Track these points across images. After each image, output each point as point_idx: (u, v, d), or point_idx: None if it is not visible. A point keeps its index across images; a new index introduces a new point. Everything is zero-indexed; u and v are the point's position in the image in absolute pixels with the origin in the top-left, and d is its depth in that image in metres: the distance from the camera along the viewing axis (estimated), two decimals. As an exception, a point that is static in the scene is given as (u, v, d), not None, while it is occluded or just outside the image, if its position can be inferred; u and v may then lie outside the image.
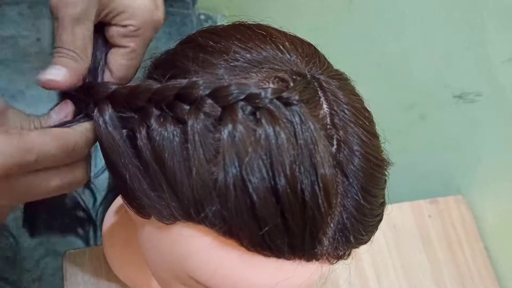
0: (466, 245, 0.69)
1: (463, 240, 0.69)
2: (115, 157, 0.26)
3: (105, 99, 0.27)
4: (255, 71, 0.26)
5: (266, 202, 0.22)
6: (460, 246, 0.68)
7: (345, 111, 0.26)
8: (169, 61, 0.28)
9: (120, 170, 0.26)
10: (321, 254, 0.25)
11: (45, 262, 1.04)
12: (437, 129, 0.79)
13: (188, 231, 0.25)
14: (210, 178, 0.23)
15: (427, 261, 0.65)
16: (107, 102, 0.27)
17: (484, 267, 0.68)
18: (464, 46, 0.71)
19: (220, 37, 0.27)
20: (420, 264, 0.65)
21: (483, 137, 0.71)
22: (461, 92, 0.73)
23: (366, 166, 0.26)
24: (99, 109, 0.26)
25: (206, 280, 0.26)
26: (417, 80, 0.81)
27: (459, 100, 0.74)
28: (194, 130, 0.23)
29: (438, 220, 0.69)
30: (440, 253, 0.67)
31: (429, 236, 0.68)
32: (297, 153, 0.22)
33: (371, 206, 0.26)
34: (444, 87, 0.75)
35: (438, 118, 0.78)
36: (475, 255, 0.68)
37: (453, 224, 0.70)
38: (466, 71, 0.71)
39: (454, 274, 0.66)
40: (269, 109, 0.23)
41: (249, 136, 0.22)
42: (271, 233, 0.23)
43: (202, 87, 0.23)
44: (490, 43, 0.66)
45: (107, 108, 0.26)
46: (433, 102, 0.78)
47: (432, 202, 0.71)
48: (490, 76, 0.67)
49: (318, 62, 0.27)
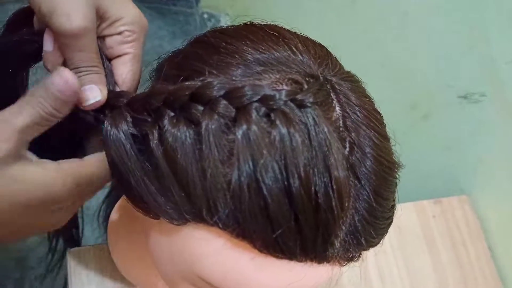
0: (470, 245, 0.69)
1: (467, 240, 0.69)
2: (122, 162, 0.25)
3: (121, 107, 0.27)
4: (268, 72, 0.26)
5: (280, 204, 0.22)
6: (464, 246, 0.68)
7: (357, 113, 0.26)
8: (183, 63, 0.28)
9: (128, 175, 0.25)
10: (332, 256, 0.25)
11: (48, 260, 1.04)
12: (440, 129, 0.79)
13: (200, 233, 0.25)
14: (224, 179, 0.23)
15: (431, 262, 0.66)
16: (123, 109, 0.27)
17: (487, 267, 0.68)
18: (468, 46, 0.70)
19: (232, 38, 0.27)
20: (423, 264, 0.65)
21: (487, 137, 0.71)
22: (465, 93, 0.73)
23: (378, 169, 0.26)
24: (113, 117, 0.26)
25: (218, 282, 0.26)
26: (420, 80, 0.81)
27: (463, 100, 0.74)
28: (209, 131, 0.23)
29: (442, 220, 0.69)
30: (444, 253, 0.67)
31: (433, 236, 0.68)
32: (311, 156, 0.22)
33: (382, 209, 0.26)
34: (448, 87, 0.75)
35: (442, 118, 0.78)
36: (479, 255, 0.68)
37: (457, 224, 0.70)
38: (470, 71, 0.71)
39: (458, 274, 0.66)
40: (284, 111, 0.23)
41: (263, 138, 0.22)
42: (284, 235, 0.23)
43: (217, 88, 0.23)
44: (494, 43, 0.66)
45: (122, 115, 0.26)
46: (437, 102, 0.78)
47: (436, 202, 0.71)
48: (494, 77, 0.67)
49: (330, 64, 0.27)
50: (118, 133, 0.25)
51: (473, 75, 0.71)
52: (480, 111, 0.70)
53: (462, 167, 0.75)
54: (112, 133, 0.26)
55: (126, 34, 0.31)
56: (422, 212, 0.69)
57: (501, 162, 0.69)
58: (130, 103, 0.27)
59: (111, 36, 0.31)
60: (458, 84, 0.73)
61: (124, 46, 0.31)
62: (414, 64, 0.81)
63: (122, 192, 0.27)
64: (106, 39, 0.31)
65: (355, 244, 0.26)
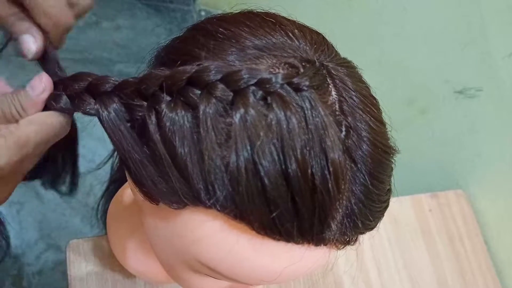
0: (466, 239, 0.69)
1: (463, 234, 0.69)
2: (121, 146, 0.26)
3: (109, 93, 0.26)
4: (265, 57, 0.26)
5: (277, 186, 0.22)
6: (460, 240, 0.69)
7: (353, 97, 0.26)
8: (180, 48, 0.28)
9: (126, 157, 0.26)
10: (329, 238, 0.25)
11: (46, 256, 1.04)
12: (437, 124, 0.79)
13: (198, 215, 0.25)
14: (222, 162, 0.23)
15: (428, 255, 0.66)
16: (111, 94, 0.26)
17: (484, 260, 0.68)
18: (465, 41, 0.71)
19: (229, 24, 0.27)
20: (420, 257, 0.65)
21: (484, 132, 0.71)
22: (462, 87, 0.73)
23: (374, 152, 0.26)
24: (102, 102, 0.26)
25: (216, 265, 0.26)
26: (417, 75, 0.82)
27: (459, 95, 0.74)
28: (206, 114, 0.23)
29: (439, 214, 0.70)
30: (441, 247, 0.67)
31: (430, 230, 0.68)
32: (308, 138, 0.23)
33: (378, 192, 0.26)
34: (445, 82, 0.76)
35: (438, 113, 0.79)
36: (475, 249, 0.68)
37: (453, 218, 0.70)
38: (467, 66, 0.72)
39: (454, 268, 0.66)
40: (280, 94, 0.23)
41: (260, 120, 0.22)
42: (281, 216, 0.23)
43: (213, 72, 0.24)
44: (490, 38, 0.67)
45: (111, 100, 0.26)
46: (434, 97, 0.79)
47: (432, 196, 0.71)
48: (490, 72, 0.68)
49: (326, 50, 0.28)
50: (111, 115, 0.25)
51: (469, 70, 0.71)
52: (477, 106, 0.71)
53: (459, 161, 0.76)
54: (105, 115, 0.26)
55: None
56: (419, 206, 0.69)
57: (498, 156, 0.69)
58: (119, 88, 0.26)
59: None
60: (455, 79, 0.74)
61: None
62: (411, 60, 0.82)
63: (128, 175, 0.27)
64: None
65: (351, 227, 0.26)
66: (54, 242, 1.06)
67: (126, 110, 0.26)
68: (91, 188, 1.13)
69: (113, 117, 0.25)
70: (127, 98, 0.26)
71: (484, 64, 0.69)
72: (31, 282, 1.02)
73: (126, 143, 0.25)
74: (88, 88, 0.27)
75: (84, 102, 0.27)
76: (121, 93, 0.26)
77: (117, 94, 0.26)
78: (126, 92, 0.26)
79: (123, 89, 0.26)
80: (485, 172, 0.72)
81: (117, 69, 1.28)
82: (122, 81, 0.26)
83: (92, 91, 0.27)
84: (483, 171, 0.73)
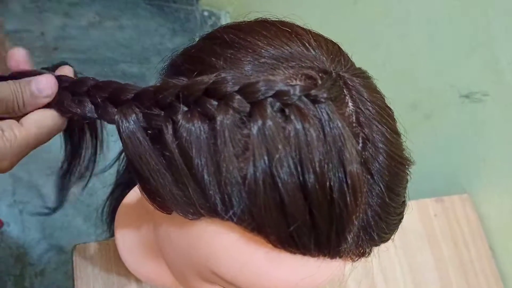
0: (471, 244, 0.69)
1: (468, 239, 0.69)
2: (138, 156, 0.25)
3: (129, 101, 0.26)
4: (281, 67, 0.26)
5: (295, 199, 0.22)
6: (465, 244, 0.69)
7: (370, 109, 0.26)
8: (196, 57, 0.28)
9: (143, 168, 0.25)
10: (345, 251, 0.25)
11: (48, 257, 1.04)
12: (442, 128, 0.79)
13: (214, 227, 0.25)
14: (239, 174, 0.23)
15: (433, 259, 0.66)
16: (131, 104, 0.26)
17: (488, 265, 0.68)
18: (471, 45, 0.71)
19: (246, 34, 0.27)
20: (425, 262, 0.65)
21: (489, 136, 0.71)
22: (468, 92, 0.73)
23: (390, 164, 0.26)
24: (121, 112, 0.26)
25: (231, 277, 0.26)
26: (422, 79, 0.81)
27: (465, 99, 0.74)
28: (224, 126, 0.23)
29: (444, 218, 0.70)
30: (446, 251, 0.67)
31: (435, 234, 0.68)
32: (326, 151, 0.22)
33: (394, 205, 0.26)
34: (450, 86, 0.76)
35: (443, 117, 0.79)
36: (479, 254, 0.68)
37: (458, 222, 0.70)
38: (472, 70, 0.71)
39: (459, 272, 0.66)
40: (298, 106, 0.23)
41: (278, 133, 0.22)
42: (299, 230, 0.23)
43: (231, 83, 0.23)
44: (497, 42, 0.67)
45: (130, 110, 0.26)
46: (439, 101, 0.79)
47: (437, 200, 0.71)
48: (497, 76, 0.68)
49: (342, 60, 0.28)
50: (130, 126, 0.25)
51: (475, 74, 0.71)
52: (483, 110, 0.70)
53: (464, 166, 0.76)
54: (124, 126, 0.25)
55: None
56: (424, 210, 0.69)
57: (503, 161, 0.69)
58: (138, 97, 0.26)
59: None
60: (460, 83, 0.74)
61: None
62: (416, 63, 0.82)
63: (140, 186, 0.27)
64: None
65: (367, 240, 0.26)
66: (57, 243, 1.06)
67: (144, 119, 0.26)
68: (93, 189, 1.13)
69: (132, 127, 0.25)
70: (145, 107, 0.26)
71: (490, 68, 0.68)
72: (33, 282, 1.01)
73: (143, 152, 0.25)
74: (110, 97, 0.27)
75: (106, 110, 0.27)
76: (140, 102, 0.26)
77: (136, 103, 0.26)
78: (145, 100, 0.26)
79: (142, 98, 0.26)
80: (490, 176, 0.72)
81: (120, 68, 1.28)
82: (141, 90, 0.26)
83: (113, 100, 0.27)
84: (488, 175, 0.73)
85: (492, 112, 0.69)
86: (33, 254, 1.04)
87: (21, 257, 1.03)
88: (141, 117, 0.26)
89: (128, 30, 1.34)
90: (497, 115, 0.69)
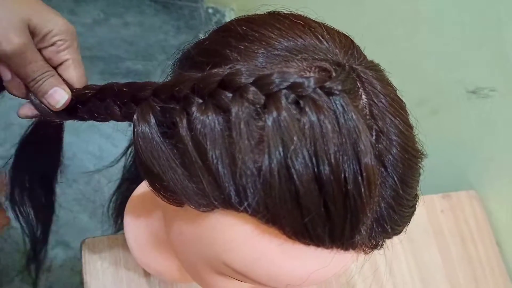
0: (478, 240, 0.69)
1: (476, 235, 0.69)
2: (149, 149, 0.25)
3: (148, 98, 0.27)
4: (295, 60, 0.26)
5: (310, 190, 0.22)
6: (473, 241, 0.69)
7: (383, 101, 0.26)
8: (210, 50, 0.28)
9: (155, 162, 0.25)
10: (359, 243, 0.25)
11: (55, 253, 1.04)
12: (449, 124, 0.79)
13: (228, 219, 0.25)
14: (255, 166, 0.23)
15: (440, 255, 0.66)
16: (150, 100, 0.27)
17: (496, 262, 0.68)
18: (479, 41, 0.70)
19: (259, 26, 0.27)
20: (432, 258, 0.65)
21: (497, 132, 0.71)
22: (475, 87, 0.73)
23: (404, 157, 0.26)
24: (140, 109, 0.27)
25: (244, 269, 0.26)
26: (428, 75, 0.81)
27: (472, 95, 0.74)
28: (239, 118, 0.23)
29: (451, 215, 0.69)
30: (453, 247, 0.67)
31: (442, 230, 0.68)
32: (341, 142, 0.22)
33: (408, 197, 0.26)
34: (457, 82, 0.75)
35: (451, 113, 0.78)
36: (487, 250, 0.68)
37: (465, 219, 0.70)
38: (480, 66, 0.71)
39: (467, 269, 0.66)
40: (313, 98, 0.23)
41: (293, 124, 0.22)
42: (313, 221, 0.23)
43: (245, 75, 0.23)
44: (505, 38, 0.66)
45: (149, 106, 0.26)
46: (446, 97, 0.78)
47: (444, 197, 0.71)
48: (505, 71, 0.67)
49: (355, 53, 0.28)
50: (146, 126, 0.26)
51: (482, 69, 0.71)
52: (490, 106, 0.70)
53: (471, 162, 0.75)
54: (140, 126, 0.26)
55: (59, 43, 0.34)
56: (431, 206, 0.69)
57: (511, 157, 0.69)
58: (156, 92, 0.27)
59: (46, 48, 0.34)
60: (468, 79, 0.73)
61: (60, 54, 0.35)
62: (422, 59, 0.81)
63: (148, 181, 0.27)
64: (42, 52, 0.34)
65: (380, 232, 0.26)
66: (63, 239, 1.06)
67: (161, 113, 0.26)
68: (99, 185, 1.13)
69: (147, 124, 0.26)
70: (162, 101, 0.26)
71: (498, 63, 0.68)
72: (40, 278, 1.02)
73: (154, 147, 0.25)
74: (132, 97, 0.28)
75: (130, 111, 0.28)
76: (158, 97, 0.26)
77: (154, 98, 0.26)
78: (162, 95, 0.26)
79: (160, 93, 0.26)
80: (498, 173, 0.72)
81: (125, 66, 1.28)
82: (159, 85, 0.26)
83: (135, 99, 0.28)
84: (496, 171, 0.72)
85: (499, 108, 0.69)
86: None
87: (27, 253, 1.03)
88: (158, 112, 0.26)
89: (133, 27, 1.34)
90: (504, 111, 0.68)
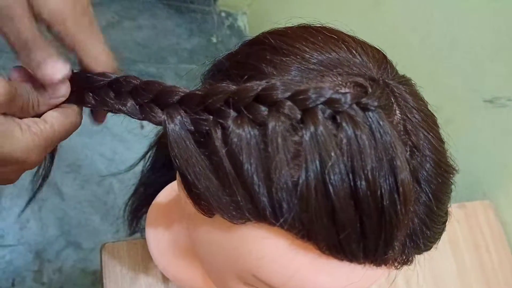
0: (493, 250, 0.68)
1: (490, 246, 0.69)
2: (185, 159, 0.25)
3: (175, 105, 0.27)
4: (330, 74, 0.26)
5: (346, 207, 0.22)
6: (487, 251, 0.68)
7: (416, 116, 0.26)
8: (244, 63, 0.28)
9: (189, 172, 0.26)
10: (391, 259, 0.25)
11: (66, 253, 1.05)
12: (464, 133, 0.78)
13: (260, 232, 0.25)
14: (291, 180, 0.23)
15: (455, 266, 0.65)
16: (177, 107, 0.27)
17: (510, 271, 0.67)
18: (495, 49, 0.70)
19: (293, 40, 0.27)
20: (448, 268, 0.65)
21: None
22: (492, 97, 0.72)
23: (437, 173, 0.26)
24: (169, 114, 0.26)
25: (275, 282, 0.26)
26: (443, 83, 0.81)
27: (489, 104, 0.73)
28: (276, 132, 0.23)
29: (466, 224, 0.69)
30: (468, 258, 0.67)
31: (457, 240, 0.68)
32: (378, 158, 0.22)
33: (440, 213, 0.26)
34: (474, 91, 0.75)
35: (466, 122, 0.78)
36: (502, 260, 0.68)
37: (480, 229, 0.70)
38: (497, 74, 0.71)
39: (481, 279, 0.66)
40: (350, 113, 0.23)
41: (331, 140, 0.22)
42: (349, 237, 0.23)
43: (282, 90, 0.23)
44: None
45: (177, 113, 0.26)
46: (461, 106, 0.78)
47: (459, 206, 0.71)
48: (522, 82, 0.67)
49: (388, 68, 0.28)
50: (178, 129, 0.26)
51: (499, 78, 0.70)
52: (507, 116, 0.70)
53: (486, 171, 0.75)
54: (172, 129, 0.26)
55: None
56: (447, 216, 0.69)
57: (526, 167, 0.69)
58: (185, 100, 0.27)
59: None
60: (484, 88, 0.73)
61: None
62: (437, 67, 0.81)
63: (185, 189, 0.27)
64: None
65: (413, 248, 0.26)
66: (74, 240, 1.07)
67: (191, 122, 0.26)
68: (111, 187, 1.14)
69: (179, 130, 0.26)
70: (192, 111, 0.26)
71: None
72: (51, 278, 1.03)
73: (190, 156, 0.25)
74: (156, 98, 0.27)
75: (152, 112, 0.27)
76: (187, 105, 0.26)
77: (183, 106, 0.26)
78: (192, 104, 0.26)
79: (189, 101, 0.26)
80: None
81: (138, 68, 1.29)
82: (188, 93, 0.26)
83: (159, 102, 0.27)
84: (511, 182, 0.72)
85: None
86: (51, 251, 1.05)
87: (40, 253, 1.04)
88: (188, 121, 0.26)
89: (146, 30, 1.35)
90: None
